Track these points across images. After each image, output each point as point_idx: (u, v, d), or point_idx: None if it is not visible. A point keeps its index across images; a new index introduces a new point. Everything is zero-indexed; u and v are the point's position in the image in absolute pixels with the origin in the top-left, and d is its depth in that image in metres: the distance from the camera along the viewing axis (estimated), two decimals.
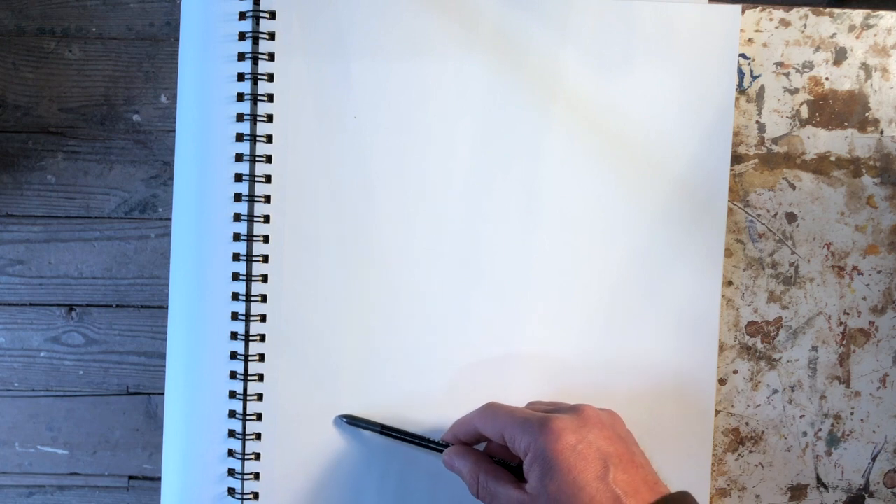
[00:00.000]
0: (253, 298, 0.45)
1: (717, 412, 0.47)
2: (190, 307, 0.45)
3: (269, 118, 0.45)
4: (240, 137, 0.44)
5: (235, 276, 0.45)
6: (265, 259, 0.45)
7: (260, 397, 0.45)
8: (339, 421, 0.45)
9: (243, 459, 0.45)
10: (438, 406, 0.45)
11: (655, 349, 0.46)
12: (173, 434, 0.45)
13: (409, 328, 0.46)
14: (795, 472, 0.48)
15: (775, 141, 0.48)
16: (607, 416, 0.39)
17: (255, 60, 0.44)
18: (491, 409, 0.40)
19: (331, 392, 0.45)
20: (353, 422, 0.45)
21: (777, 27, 0.47)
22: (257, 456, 0.45)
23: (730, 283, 0.47)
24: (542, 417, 0.37)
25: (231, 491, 0.45)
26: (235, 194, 0.45)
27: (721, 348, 0.47)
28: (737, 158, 0.47)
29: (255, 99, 0.45)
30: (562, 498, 0.35)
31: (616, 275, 0.46)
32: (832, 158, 0.48)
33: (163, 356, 0.47)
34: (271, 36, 0.45)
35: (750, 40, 0.47)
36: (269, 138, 0.45)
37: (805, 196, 0.48)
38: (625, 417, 0.46)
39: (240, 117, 0.44)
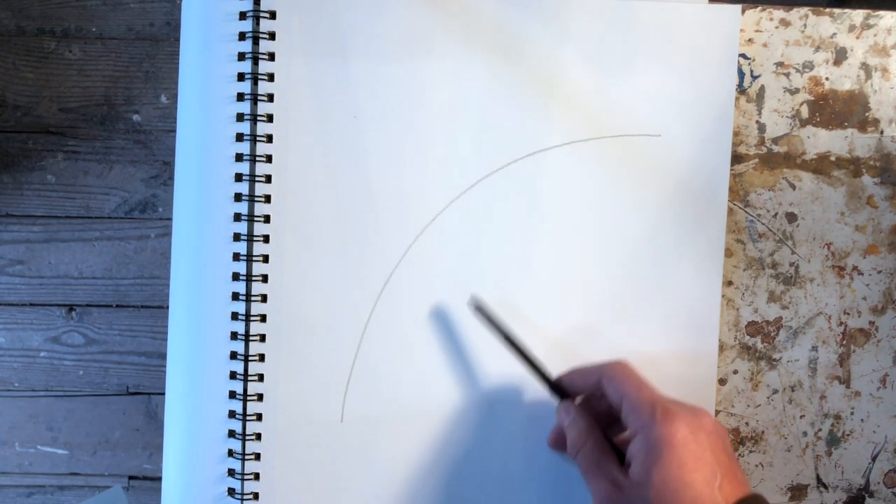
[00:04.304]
0: (253, 298, 0.45)
1: (717, 412, 0.47)
2: (190, 307, 0.45)
3: (269, 118, 0.45)
4: (240, 137, 0.45)
5: (235, 276, 0.45)
6: (265, 259, 0.45)
7: (260, 397, 0.45)
8: (471, 303, 0.44)
9: (243, 459, 0.45)
10: (440, 405, 0.45)
11: (655, 349, 0.46)
12: (173, 434, 0.45)
13: (410, 328, 0.46)
14: (795, 472, 0.48)
15: (775, 141, 0.48)
16: (721, 428, 0.39)
17: (255, 60, 0.44)
18: (621, 372, 0.39)
19: (331, 392, 0.45)
20: (481, 311, 0.43)
21: (777, 27, 0.47)
22: (257, 456, 0.45)
23: (730, 283, 0.47)
24: (665, 406, 0.37)
25: (231, 491, 0.45)
26: (235, 194, 0.45)
27: (721, 348, 0.47)
28: (737, 158, 0.47)
29: (255, 99, 0.45)
30: (665, 491, 0.35)
31: (616, 275, 0.46)
32: (832, 158, 0.48)
33: (163, 356, 0.47)
34: (271, 36, 0.45)
35: (750, 40, 0.47)
36: (269, 138, 0.45)
37: (805, 196, 0.48)
38: None
39: (240, 117, 0.44)
